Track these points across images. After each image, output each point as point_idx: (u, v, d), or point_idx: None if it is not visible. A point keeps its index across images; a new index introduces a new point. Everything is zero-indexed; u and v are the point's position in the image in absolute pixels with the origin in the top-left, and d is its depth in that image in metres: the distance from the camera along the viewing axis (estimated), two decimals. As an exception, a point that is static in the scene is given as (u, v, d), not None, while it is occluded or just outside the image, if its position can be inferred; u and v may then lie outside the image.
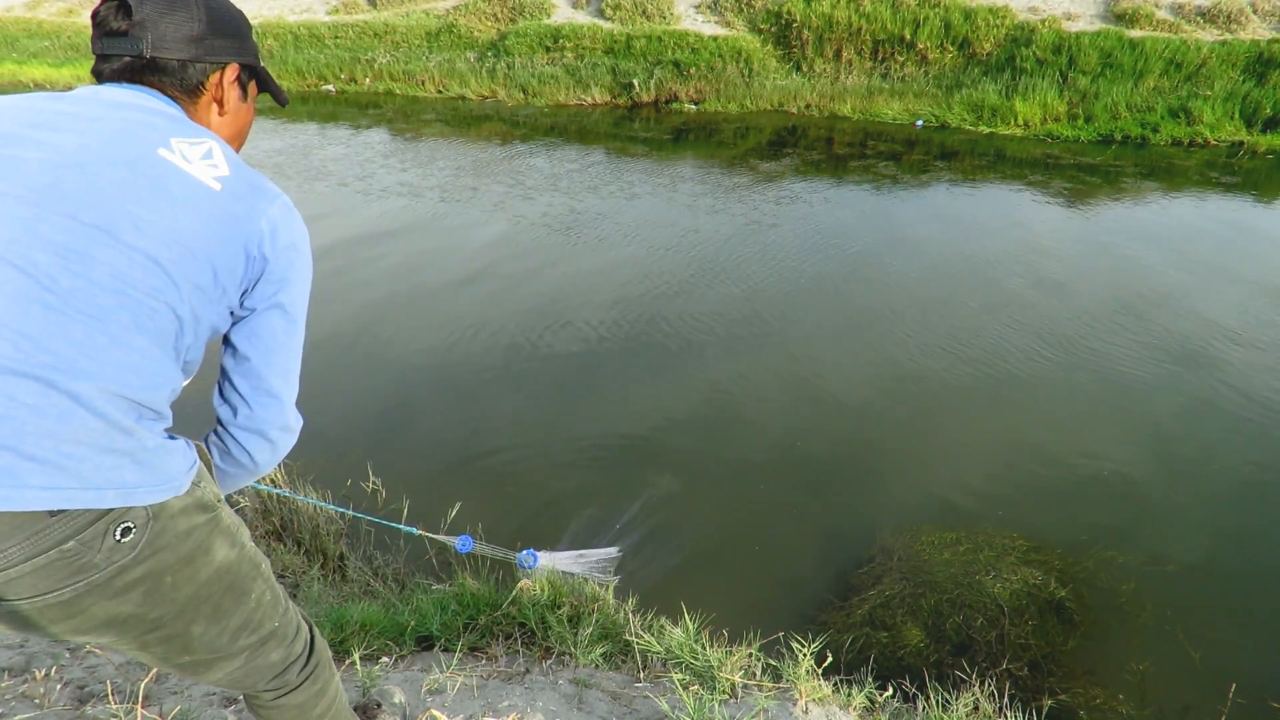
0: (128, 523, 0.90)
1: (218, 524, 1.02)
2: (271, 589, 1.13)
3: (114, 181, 0.90)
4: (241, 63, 1.11)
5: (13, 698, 1.74)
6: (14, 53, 17.57)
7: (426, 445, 4.04)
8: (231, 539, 1.04)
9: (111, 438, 0.87)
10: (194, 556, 0.98)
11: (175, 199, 0.93)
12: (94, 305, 0.86)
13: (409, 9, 16.89)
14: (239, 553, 1.05)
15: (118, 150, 0.92)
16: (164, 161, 0.94)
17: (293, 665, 1.18)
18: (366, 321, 5.44)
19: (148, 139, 0.95)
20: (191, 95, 1.07)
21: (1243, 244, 7.03)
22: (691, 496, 3.62)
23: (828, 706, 1.94)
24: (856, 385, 4.58)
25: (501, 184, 8.91)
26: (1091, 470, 3.78)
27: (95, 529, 0.88)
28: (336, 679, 1.31)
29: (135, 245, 0.89)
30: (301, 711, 1.23)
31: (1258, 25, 12.31)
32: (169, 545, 0.95)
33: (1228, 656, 2.75)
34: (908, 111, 12.14)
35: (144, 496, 0.90)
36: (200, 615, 1.01)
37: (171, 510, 0.94)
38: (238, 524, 1.08)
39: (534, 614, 2.31)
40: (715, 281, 6.07)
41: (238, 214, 0.97)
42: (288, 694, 1.19)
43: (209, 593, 1.01)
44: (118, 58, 1.03)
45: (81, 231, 0.87)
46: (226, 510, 1.06)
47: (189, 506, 0.97)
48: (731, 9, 14.55)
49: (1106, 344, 5.01)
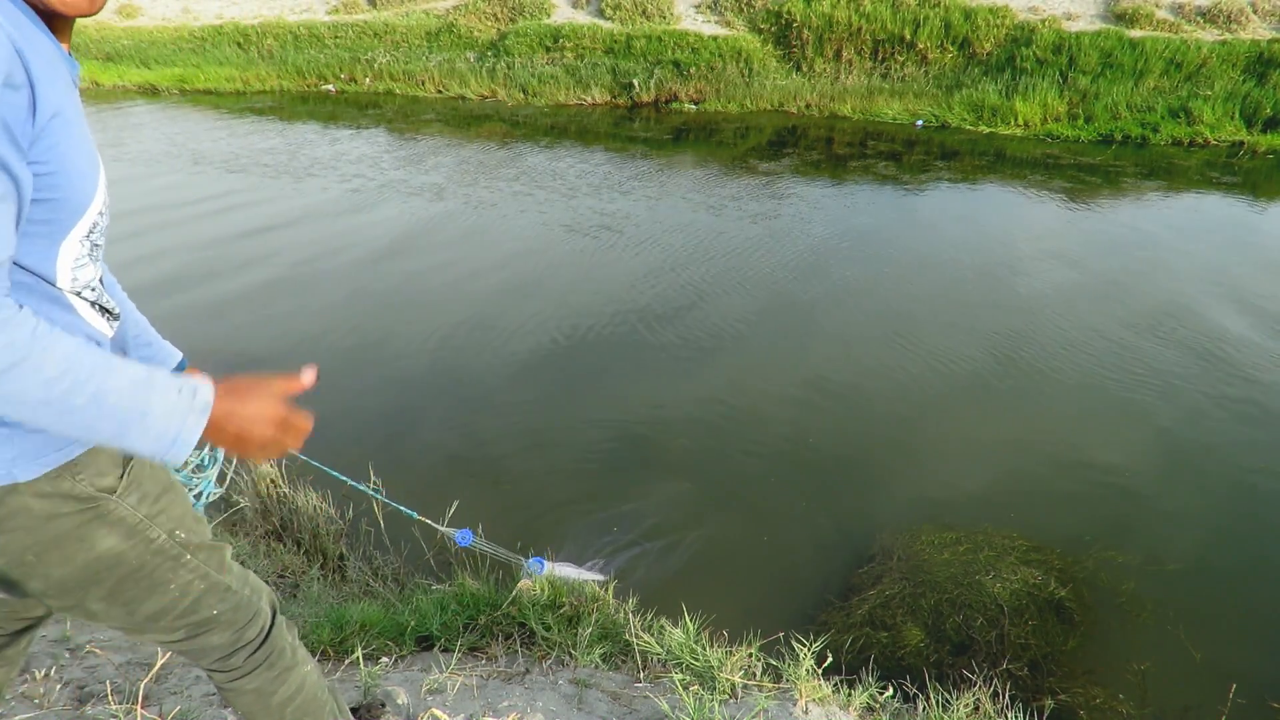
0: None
1: (99, 515, 0.98)
2: (206, 578, 1.11)
3: None
4: None
5: (13, 698, 1.74)
6: (14, 53, 17.53)
7: (427, 445, 4.04)
8: (127, 531, 1.01)
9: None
10: (61, 542, 0.96)
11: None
12: None
13: (409, 9, 16.89)
14: (137, 545, 1.02)
15: None
16: None
17: (240, 650, 1.18)
18: (366, 321, 5.44)
19: None
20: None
21: (1244, 244, 7.03)
22: (692, 497, 3.61)
23: (828, 706, 1.94)
24: (856, 386, 4.58)
25: (501, 184, 8.91)
26: (1091, 470, 3.78)
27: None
28: (303, 670, 1.29)
29: None
30: (260, 696, 1.23)
31: (1258, 25, 12.31)
32: (22, 527, 0.93)
33: (1228, 656, 2.75)
34: (908, 111, 12.14)
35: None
36: (92, 595, 1.01)
37: (22, 495, 0.91)
38: (145, 517, 1.02)
39: (534, 614, 2.31)
40: (716, 282, 6.07)
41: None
42: (239, 678, 1.19)
43: (95, 577, 1.00)
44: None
45: None
46: (129, 501, 1.01)
47: (49, 494, 0.93)
48: (731, 9, 14.55)
49: (1106, 344, 5.01)
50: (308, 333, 5.30)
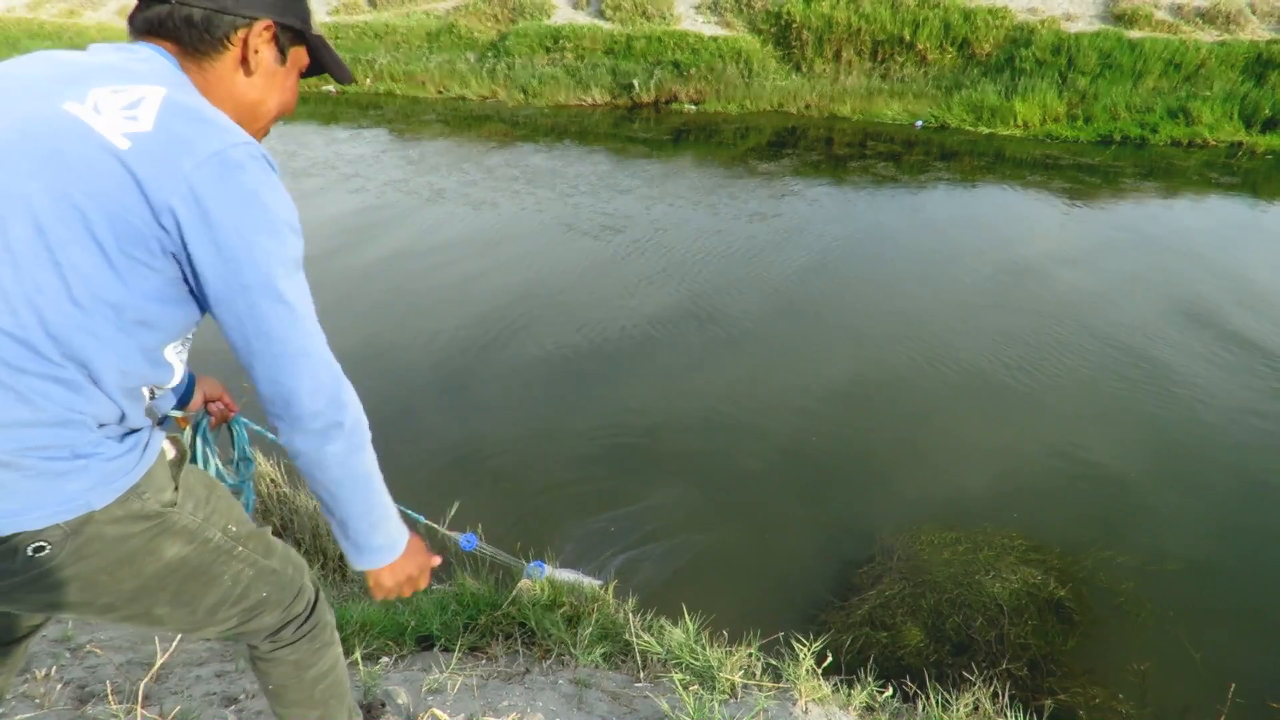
0: (41, 542, 0.89)
1: (165, 528, 1.00)
2: (254, 564, 1.13)
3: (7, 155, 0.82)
4: (280, 22, 1.00)
5: (13, 697, 1.74)
6: (14, 53, 17.48)
7: (426, 445, 4.04)
8: (189, 536, 1.03)
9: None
10: (133, 558, 0.97)
11: (69, 159, 0.81)
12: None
13: (409, 9, 16.90)
14: (198, 547, 1.04)
15: (15, 118, 0.84)
16: (66, 117, 0.83)
17: (290, 623, 1.21)
18: (365, 320, 5.44)
19: (59, 95, 0.85)
20: (214, 51, 0.97)
21: (1244, 244, 7.04)
22: (692, 497, 3.62)
23: (828, 706, 1.94)
24: (856, 386, 4.58)
25: (502, 185, 8.91)
26: (1091, 470, 3.78)
27: (6, 547, 0.88)
28: (337, 650, 1.32)
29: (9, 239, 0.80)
30: (297, 669, 1.24)
31: (1257, 26, 12.32)
32: (97, 553, 0.93)
33: (1228, 656, 2.75)
34: (907, 112, 12.15)
35: (35, 521, 0.87)
36: (159, 600, 1.02)
37: (97, 524, 0.92)
38: (203, 520, 1.05)
39: (534, 614, 2.31)
40: (715, 282, 6.07)
41: (142, 178, 0.82)
42: (284, 647, 1.21)
43: (163, 584, 1.01)
44: (148, 5, 0.96)
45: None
46: (187, 508, 1.04)
47: (120, 518, 0.94)
48: (731, 9, 14.56)
49: (1105, 344, 5.01)
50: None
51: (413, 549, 1.18)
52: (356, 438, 1.02)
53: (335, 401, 0.98)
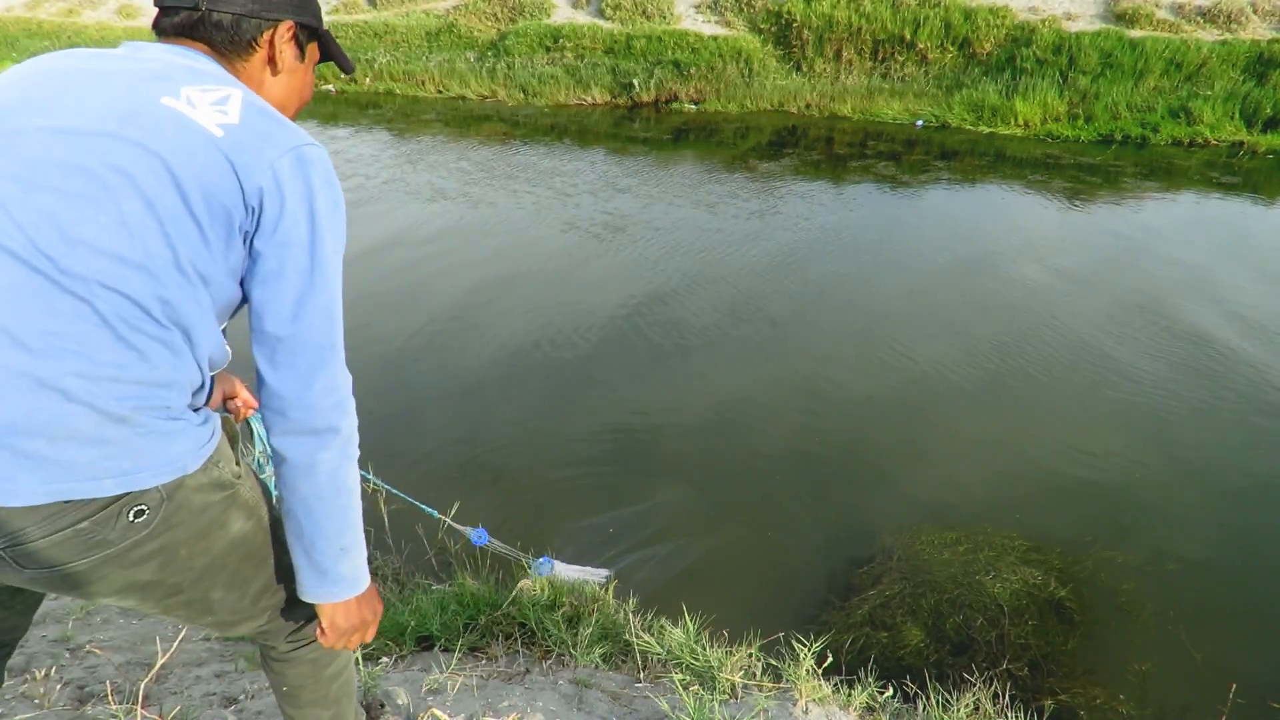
0: (141, 505, 0.92)
1: (235, 500, 1.05)
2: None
3: (105, 144, 0.87)
4: (300, 21, 1.08)
5: (13, 697, 1.74)
6: (14, 53, 17.56)
7: (425, 444, 4.04)
8: (249, 512, 1.07)
9: (103, 429, 0.87)
10: (209, 530, 1.01)
11: (169, 147, 0.88)
12: (82, 287, 0.84)
13: (409, 9, 16.90)
14: (256, 524, 1.09)
15: (119, 106, 0.90)
16: (164, 108, 0.90)
17: (313, 621, 1.22)
18: (365, 320, 5.44)
19: (153, 89, 0.92)
20: (244, 53, 1.04)
21: (1245, 245, 7.03)
22: (692, 497, 3.61)
23: (828, 706, 1.94)
24: (857, 386, 4.58)
25: (501, 184, 8.91)
26: (1091, 470, 3.78)
27: (108, 511, 0.90)
28: (350, 652, 1.33)
29: (123, 213, 0.86)
30: (314, 668, 1.26)
31: (1258, 25, 12.31)
32: (183, 522, 0.97)
33: (1228, 656, 2.75)
34: (908, 111, 12.14)
35: (145, 480, 0.91)
36: (218, 582, 1.05)
37: (186, 489, 0.97)
38: (259, 497, 1.11)
39: (534, 614, 2.31)
40: (716, 282, 6.07)
41: (237, 163, 0.90)
42: (304, 646, 1.23)
43: (226, 562, 1.05)
44: (175, 11, 1.01)
45: (66, 207, 0.85)
46: (248, 484, 1.09)
47: (204, 485, 0.99)
48: (731, 9, 14.55)
49: (1106, 344, 5.01)
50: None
51: (371, 593, 1.15)
52: (349, 448, 1.04)
53: (340, 406, 1.01)
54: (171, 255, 0.88)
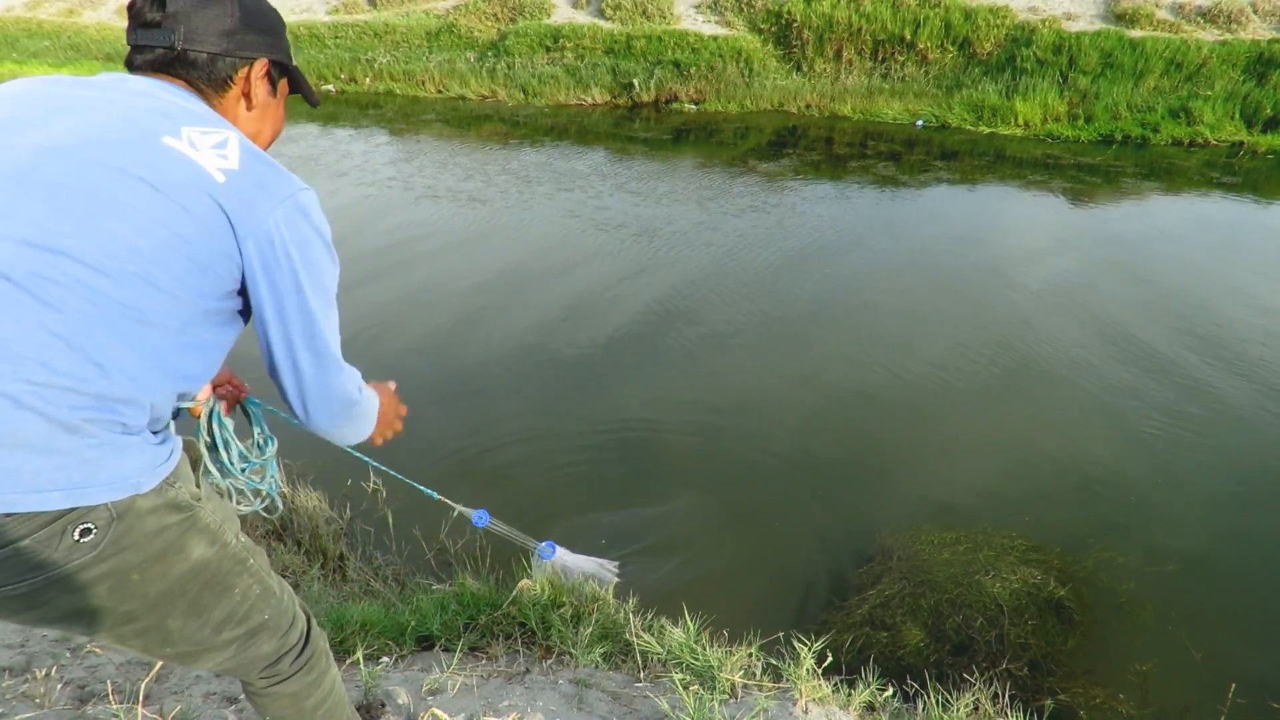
0: (88, 523, 0.89)
1: (194, 523, 1.01)
2: (261, 583, 1.13)
3: (102, 165, 0.89)
4: (272, 59, 1.11)
5: (13, 697, 1.75)
6: (14, 52, 17.57)
7: (424, 443, 4.04)
8: (211, 537, 1.04)
9: (53, 438, 0.85)
10: (164, 555, 0.98)
11: (171, 185, 0.91)
12: (54, 296, 0.84)
13: (409, 9, 16.89)
14: (219, 550, 1.05)
15: (116, 133, 0.92)
16: (167, 148, 0.93)
17: (286, 655, 1.19)
18: (365, 319, 5.44)
19: (155, 127, 0.94)
20: (219, 89, 1.07)
21: (1246, 244, 7.03)
22: (693, 497, 3.61)
23: (828, 706, 1.94)
24: (856, 386, 4.58)
25: (501, 184, 8.91)
26: (1091, 470, 3.78)
27: (52, 529, 0.87)
28: (334, 672, 1.31)
29: (112, 233, 0.87)
30: (295, 701, 1.23)
31: (1258, 25, 12.31)
32: (135, 544, 0.94)
33: (1228, 656, 2.75)
34: (908, 111, 12.14)
35: (94, 496, 0.89)
36: (176, 610, 1.01)
37: (139, 510, 0.93)
38: (222, 520, 1.07)
39: (534, 614, 2.31)
40: (716, 282, 6.07)
41: (236, 212, 0.94)
42: (280, 683, 1.20)
43: (184, 589, 1.01)
44: (150, 49, 1.03)
45: (53, 219, 0.85)
46: (209, 508, 1.06)
47: (159, 506, 0.96)
48: (731, 9, 14.55)
49: (1106, 344, 5.01)
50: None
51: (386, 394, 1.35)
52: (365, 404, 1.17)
53: (348, 397, 1.12)
54: (151, 284, 0.90)
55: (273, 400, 1.69)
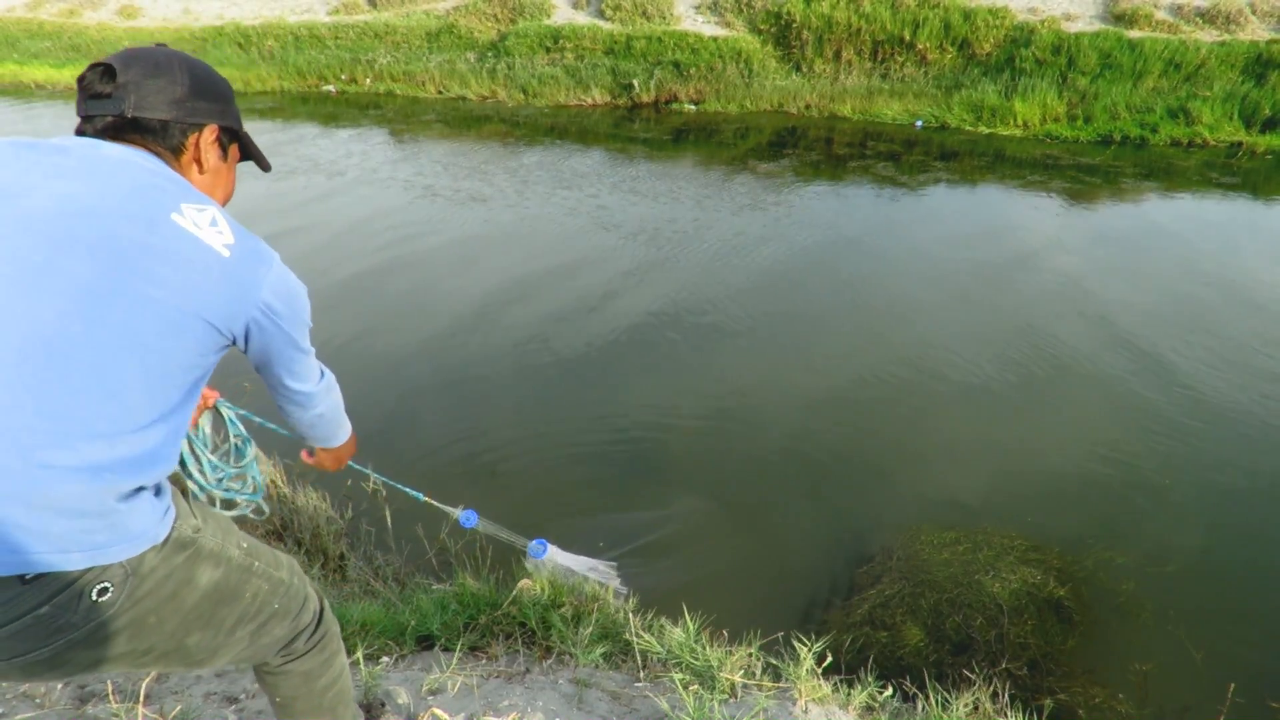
0: (104, 583, 0.91)
1: (199, 554, 1.04)
2: (268, 579, 1.16)
3: (131, 236, 0.93)
4: (221, 125, 1.16)
5: (13, 697, 1.75)
6: (14, 53, 17.58)
7: (424, 443, 4.04)
8: (216, 560, 1.07)
9: (84, 502, 0.87)
10: (176, 593, 1.01)
11: (190, 261, 0.97)
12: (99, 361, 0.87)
13: (409, 9, 16.90)
14: (225, 568, 1.08)
15: (133, 206, 0.96)
16: (177, 225, 0.98)
17: (301, 634, 1.23)
18: (365, 319, 5.44)
19: (160, 202, 0.99)
20: (174, 154, 1.12)
21: (1244, 244, 7.03)
22: (692, 497, 3.62)
23: (827, 706, 1.94)
24: (856, 386, 4.58)
25: (501, 185, 8.91)
26: (1091, 470, 3.78)
27: (70, 592, 0.88)
28: (344, 658, 1.34)
29: (153, 298, 0.92)
30: (306, 680, 1.26)
31: (1257, 26, 12.32)
32: (150, 593, 0.97)
33: (1228, 656, 2.75)
34: (907, 112, 12.15)
35: (115, 555, 0.91)
36: (193, 630, 1.05)
37: (150, 562, 0.96)
38: (222, 540, 1.10)
39: (534, 614, 2.31)
40: (715, 283, 6.07)
41: (244, 280, 1.03)
42: (294, 660, 1.23)
43: (199, 612, 1.05)
44: (101, 117, 1.05)
45: (96, 281, 0.89)
46: (208, 532, 1.08)
47: (167, 551, 0.99)
48: (731, 9, 14.56)
49: (1105, 344, 5.01)
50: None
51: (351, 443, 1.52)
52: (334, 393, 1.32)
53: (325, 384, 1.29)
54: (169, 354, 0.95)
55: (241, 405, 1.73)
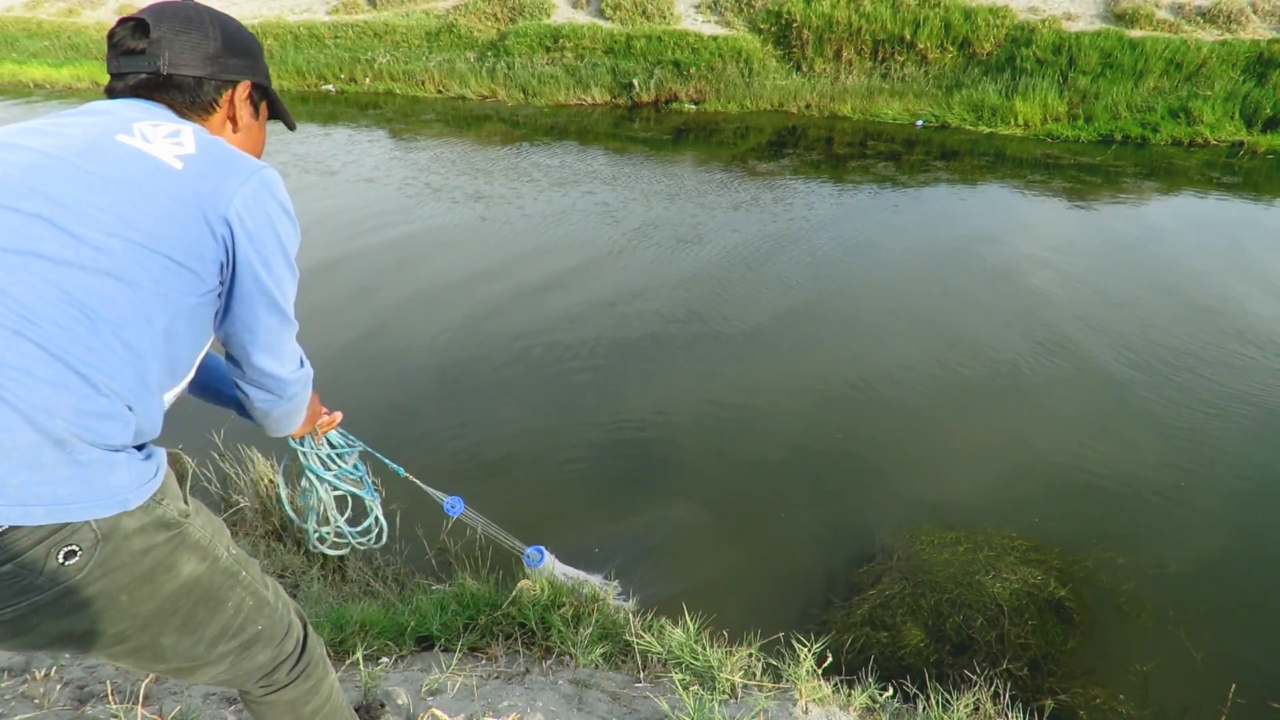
0: (72, 545, 0.87)
1: (183, 540, 0.99)
2: (254, 594, 1.12)
3: (62, 173, 0.89)
4: (254, 81, 1.15)
5: (13, 698, 1.74)
6: (14, 53, 17.58)
7: (427, 446, 4.04)
8: (202, 553, 1.02)
9: (40, 451, 0.82)
10: (154, 574, 0.96)
11: (130, 181, 0.91)
12: (32, 309, 0.83)
13: (409, 9, 16.89)
14: (210, 565, 1.03)
15: (75, 143, 0.93)
16: (120, 145, 0.93)
17: (283, 664, 1.18)
18: (365, 319, 5.44)
19: (106, 128, 0.95)
20: (205, 113, 1.10)
21: (1245, 244, 7.03)
22: (692, 497, 3.61)
23: (828, 706, 1.94)
24: (857, 386, 4.58)
25: (501, 185, 8.91)
26: (1091, 470, 3.78)
27: (35, 553, 0.84)
28: (332, 677, 1.31)
29: (83, 236, 0.87)
30: (292, 708, 1.23)
31: (1258, 25, 12.31)
32: (122, 566, 0.92)
33: (1228, 656, 2.75)
34: (908, 111, 12.14)
35: (79, 513, 0.86)
36: (168, 627, 1.00)
37: (125, 530, 0.91)
38: (211, 535, 1.06)
39: (534, 614, 2.31)
40: (715, 283, 6.07)
41: (201, 193, 0.94)
42: (277, 691, 1.19)
43: (176, 606, 1.00)
44: (134, 74, 1.04)
45: (22, 226, 0.85)
46: (198, 522, 1.04)
47: (146, 525, 0.94)
48: (731, 9, 14.55)
49: (1107, 345, 5.01)
50: (305, 330, 5.29)
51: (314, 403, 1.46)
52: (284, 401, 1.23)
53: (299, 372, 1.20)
54: (132, 289, 0.89)
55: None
